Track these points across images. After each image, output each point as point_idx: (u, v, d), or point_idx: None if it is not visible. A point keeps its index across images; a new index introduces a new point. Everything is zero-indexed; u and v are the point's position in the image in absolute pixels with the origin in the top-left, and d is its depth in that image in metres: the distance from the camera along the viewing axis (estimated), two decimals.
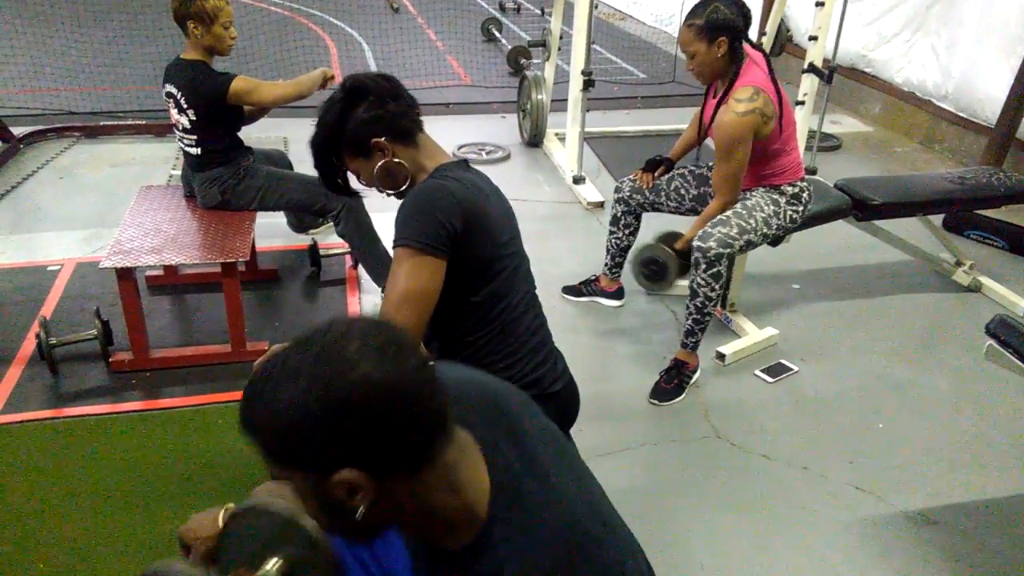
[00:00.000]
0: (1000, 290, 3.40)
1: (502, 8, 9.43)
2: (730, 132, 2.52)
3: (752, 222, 2.65)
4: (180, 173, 3.17)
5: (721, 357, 2.90)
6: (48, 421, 2.50)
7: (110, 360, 2.75)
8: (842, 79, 5.66)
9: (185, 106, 2.85)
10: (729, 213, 2.65)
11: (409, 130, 1.65)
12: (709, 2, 2.50)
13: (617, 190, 3.07)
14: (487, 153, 4.90)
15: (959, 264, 3.47)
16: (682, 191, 2.95)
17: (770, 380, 2.83)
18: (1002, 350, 1.99)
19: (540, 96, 4.86)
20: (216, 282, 2.92)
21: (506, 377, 1.65)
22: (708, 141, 2.90)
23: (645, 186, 2.99)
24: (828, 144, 5.14)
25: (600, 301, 3.27)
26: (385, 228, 3.00)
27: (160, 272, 3.28)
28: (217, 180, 2.95)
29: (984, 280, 3.45)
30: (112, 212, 3.80)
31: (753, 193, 2.72)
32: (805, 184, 2.79)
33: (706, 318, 2.69)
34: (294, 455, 0.87)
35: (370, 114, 1.60)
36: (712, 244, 2.58)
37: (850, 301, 3.38)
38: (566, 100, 4.59)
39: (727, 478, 2.38)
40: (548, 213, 4.14)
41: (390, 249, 1.63)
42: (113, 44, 6.84)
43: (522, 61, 6.67)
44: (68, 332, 2.82)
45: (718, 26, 2.48)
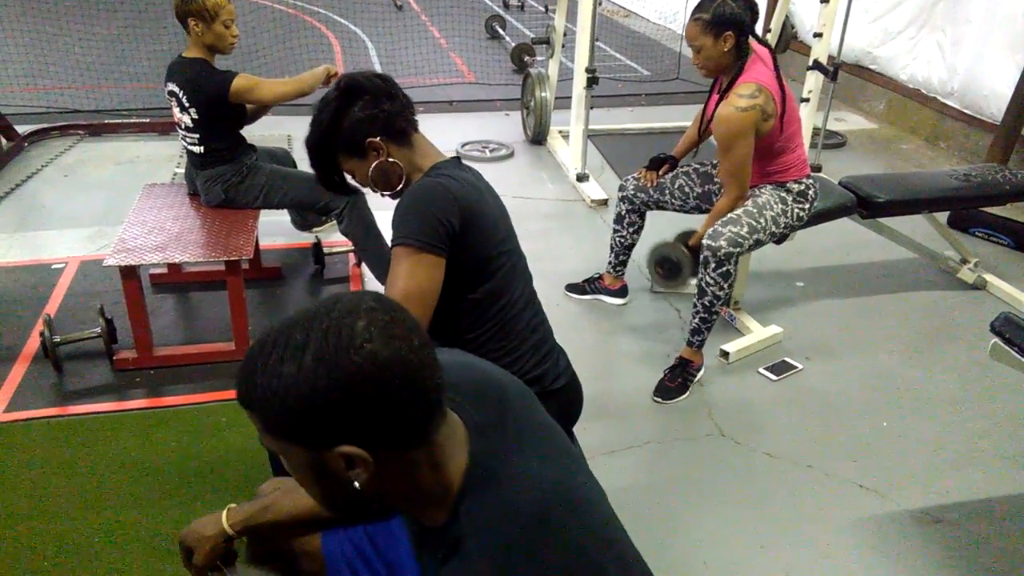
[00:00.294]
0: (1005, 288, 3.39)
1: (506, 5, 9.43)
2: (728, 127, 2.52)
3: (763, 221, 2.64)
4: (184, 171, 3.17)
5: (725, 355, 2.89)
6: (52, 419, 2.51)
7: (114, 358, 2.76)
8: (847, 76, 5.66)
9: (187, 105, 2.85)
10: (740, 212, 2.64)
11: (404, 130, 1.65)
12: None
13: (621, 188, 3.07)
14: (491, 151, 4.89)
15: (964, 262, 3.46)
16: (686, 189, 2.95)
17: (774, 378, 2.82)
18: (1007, 348, 1.98)
19: (544, 93, 4.85)
20: (220, 280, 2.93)
21: None
22: (711, 140, 2.90)
23: (649, 184, 2.99)
24: (833, 141, 5.13)
25: (604, 299, 3.27)
26: (388, 226, 3.01)
27: (164, 270, 3.29)
28: (220, 178, 2.95)
29: (989, 278, 3.44)
30: (116, 210, 3.80)
31: (762, 190, 2.71)
32: (811, 182, 2.78)
33: (713, 317, 2.68)
34: (295, 429, 0.88)
35: (365, 113, 1.60)
36: (723, 243, 2.57)
37: (854, 299, 3.37)
38: (570, 97, 4.58)
39: (731, 476, 2.37)
40: (552, 211, 4.14)
41: None
42: (117, 42, 6.85)
43: (526, 58, 6.67)
44: (72, 330, 2.82)
45: (725, 21, 2.48)
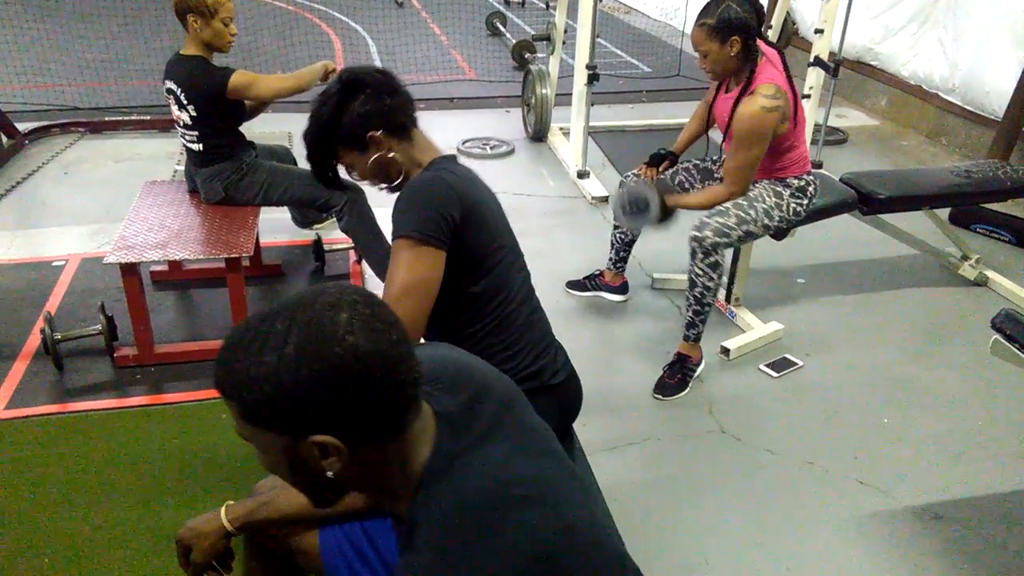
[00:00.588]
0: (1007, 284, 3.38)
1: (507, 2, 9.42)
2: (752, 124, 2.51)
3: (752, 212, 2.64)
4: (184, 168, 3.17)
5: (725, 352, 2.89)
6: (53, 416, 2.51)
7: (115, 355, 2.76)
8: (848, 72, 5.64)
9: (185, 102, 2.84)
10: (729, 204, 2.65)
11: (404, 125, 1.65)
12: (721, 0, 2.48)
13: (621, 184, 3.06)
14: (491, 148, 4.88)
15: (965, 258, 3.46)
16: (686, 185, 2.95)
17: (775, 375, 2.82)
18: (1008, 344, 1.98)
19: (544, 90, 4.84)
20: (220, 277, 2.93)
21: (505, 370, 1.64)
22: (715, 136, 2.90)
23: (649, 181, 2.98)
24: (834, 138, 5.12)
25: (604, 296, 3.26)
26: (388, 223, 3.01)
27: (164, 267, 3.29)
28: (219, 176, 2.94)
29: (990, 274, 3.44)
30: (116, 208, 3.80)
31: (756, 184, 2.71)
32: (812, 178, 2.78)
33: (706, 308, 2.68)
34: (273, 417, 0.88)
35: (366, 108, 1.60)
36: (708, 233, 2.58)
37: (855, 296, 3.37)
38: (570, 94, 4.58)
39: (731, 473, 2.37)
40: (552, 208, 4.13)
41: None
42: (118, 39, 6.84)
43: (526, 55, 6.66)
44: (73, 327, 2.83)
45: (730, 25, 2.46)
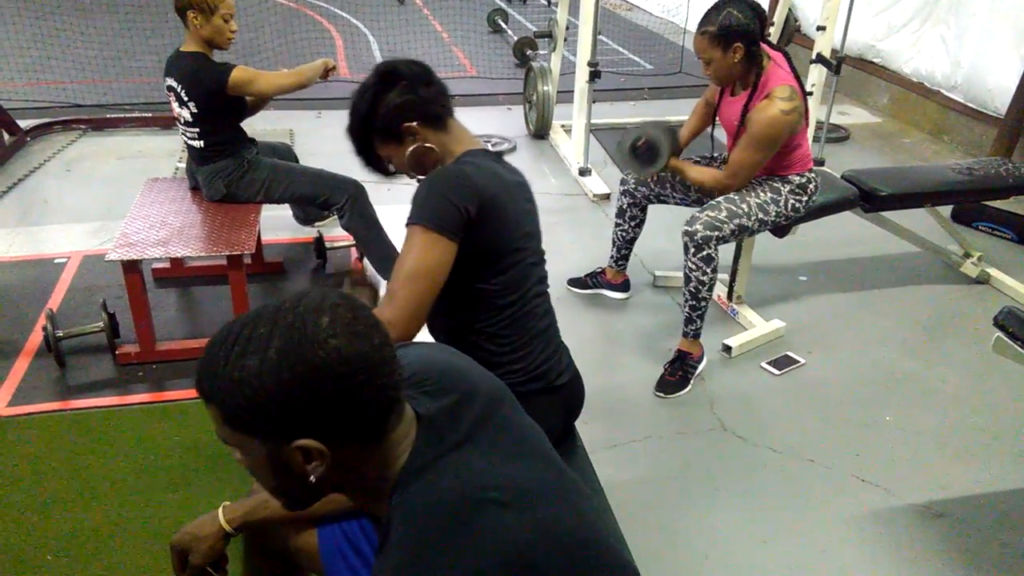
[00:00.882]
0: (1009, 282, 3.38)
1: None
2: (774, 129, 2.52)
3: (744, 206, 2.65)
4: (185, 166, 3.17)
5: (727, 349, 2.89)
6: (55, 413, 2.51)
7: (117, 352, 2.76)
8: (850, 69, 5.63)
9: (186, 99, 2.84)
10: (720, 198, 2.67)
11: (440, 115, 1.65)
12: (722, 6, 2.48)
13: (623, 182, 3.06)
14: (493, 145, 4.88)
15: (967, 256, 3.45)
16: (688, 183, 2.94)
17: (776, 372, 2.82)
18: (1010, 342, 1.98)
19: (546, 87, 4.84)
20: (222, 275, 2.93)
21: (512, 370, 1.66)
22: (719, 134, 2.90)
23: (650, 178, 2.98)
24: (836, 135, 5.11)
25: (606, 293, 3.26)
26: (389, 220, 3.01)
27: (166, 265, 3.29)
28: (221, 173, 2.94)
29: (992, 272, 3.43)
30: (118, 205, 3.80)
31: (754, 180, 2.72)
32: (813, 175, 2.78)
33: (702, 304, 2.68)
34: (256, 422, 0.88)
35: (402, 99, 1.61)
36: (698, 227, 2.60)
37: (857, 293, 3.37)
38: (572, 91, 4.58)
39: (733, 470, 2.37)
40: (554, 205, 4.13)
41: (395, 241, 1.63)
42: (119, 37, 6.84)
43: (528, 52, 6.65)
44: (75, 325, 2.83)
45: (732, 32, 2.46)
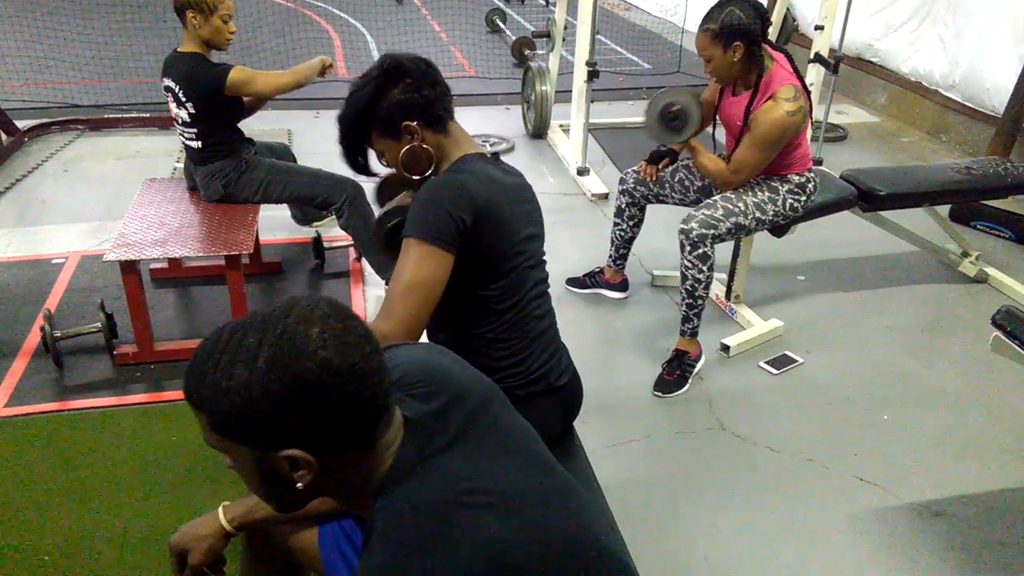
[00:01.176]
0: (1007, 281, 3.38)
1: None
2: (779, 130, 2.53)
3: (741, 205, 2.65)
4: (183, 166, 3.17)
5: (726, 349, 2.89)
6: (53, 414, 2.51)
7: (114, 353, 2.76)
8: (848, 69, 5.64)
9: (183, 99, 2.84)
10: (717, 196, 2.67)
11: (441, 117, 1.65)
12: (725, 5, 2.48)
13: (621, 182, 3.06)
14: (491, 145, 4.88)
15: (965, 255, 3.45)
16: (686, 183, 2.94)
17: (775, 372, 2.82)
18: (1008, 341, 1.98)
19: (544, 87, 4.84)
20: (220, 275, 2.93)
21: (512, 373, 1.65)
22: (719, 135, 2.89)
23: (649, 178, 2.98)
24: (834, 135, 5.12)
25: (604, 293, 3.26)
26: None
27: (164, 265, 3.29)
28: (219, 173, 2.94)
29: (991, 271, 3.44)
30: (116, 205, 3.80)
31: (754, 179, 2.72)
32: (812, 175, 2.78)
33: (699, 302, 2.69)
34: (244, 430, 0.88)
35: (406, 96, 1.59)
36: (694, 225, 2.60)
37: (855, 292, 3.37)
38: (570, 91, 4.58)
39: (731, 470, 2.37)
40: (552, 205, 4.12)
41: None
42: (117, 37, 6.84)
43: (526, 52, 6.65)
44: (72, 325, 2.83)
45: (733, 31, 2.46)
